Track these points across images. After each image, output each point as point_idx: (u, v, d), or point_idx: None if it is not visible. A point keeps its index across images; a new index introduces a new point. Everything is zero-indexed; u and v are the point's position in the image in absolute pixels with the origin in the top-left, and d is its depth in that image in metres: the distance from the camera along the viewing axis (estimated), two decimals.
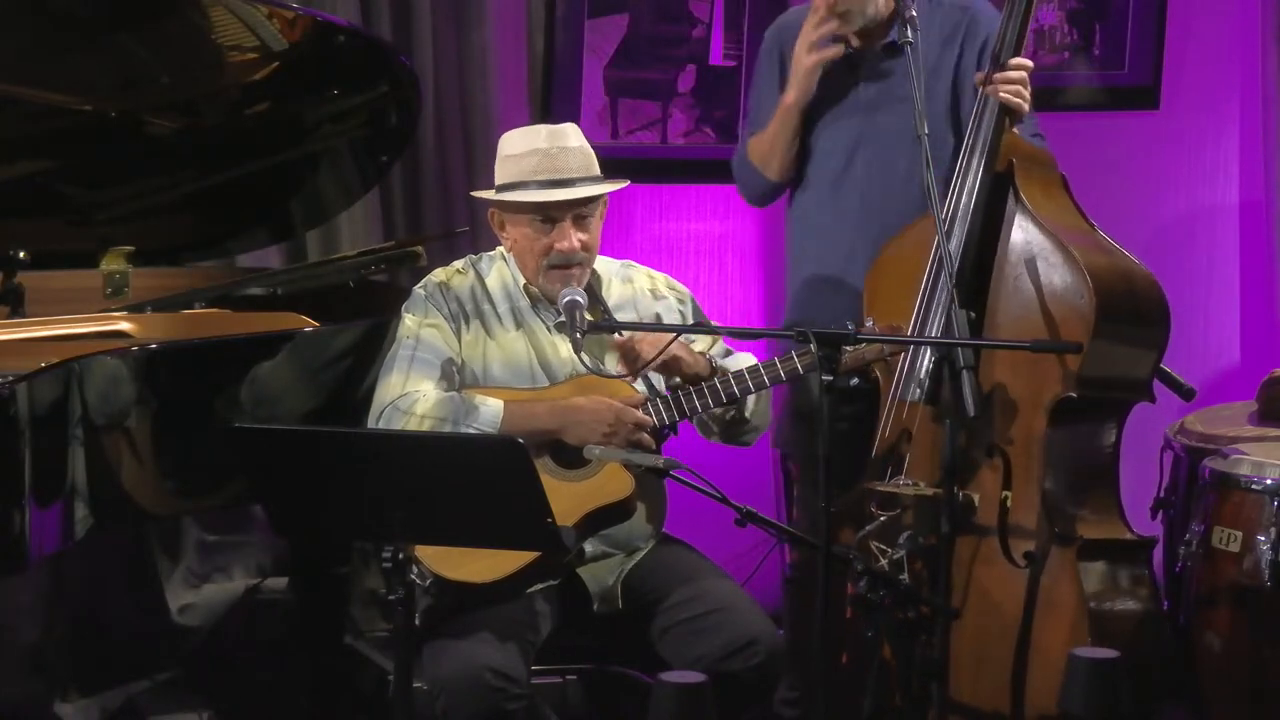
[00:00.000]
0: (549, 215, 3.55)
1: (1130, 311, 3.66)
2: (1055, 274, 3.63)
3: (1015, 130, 3.77)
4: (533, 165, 3.54)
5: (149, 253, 4.24)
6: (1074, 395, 3.54)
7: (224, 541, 4.67)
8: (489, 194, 3.63)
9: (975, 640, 3.55)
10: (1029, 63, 3.70)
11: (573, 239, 3.55)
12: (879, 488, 3.63)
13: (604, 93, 4.91)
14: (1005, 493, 3.57)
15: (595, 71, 4.89)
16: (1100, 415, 3.69)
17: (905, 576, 3.47)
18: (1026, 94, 3.69)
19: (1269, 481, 3.68)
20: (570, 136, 3.60)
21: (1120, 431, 3.74)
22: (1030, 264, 3.66)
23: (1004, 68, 3.68)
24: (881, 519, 3.58)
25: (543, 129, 3.62)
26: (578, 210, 3.56)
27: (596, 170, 3.62)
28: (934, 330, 3.62)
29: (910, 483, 3.62)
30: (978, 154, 3.69)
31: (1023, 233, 3.67)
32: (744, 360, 3.67)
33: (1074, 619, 3.52)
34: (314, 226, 4.55)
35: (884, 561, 3.47)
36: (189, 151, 4.12)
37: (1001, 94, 3.67)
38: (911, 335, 3.64)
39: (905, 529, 3.56)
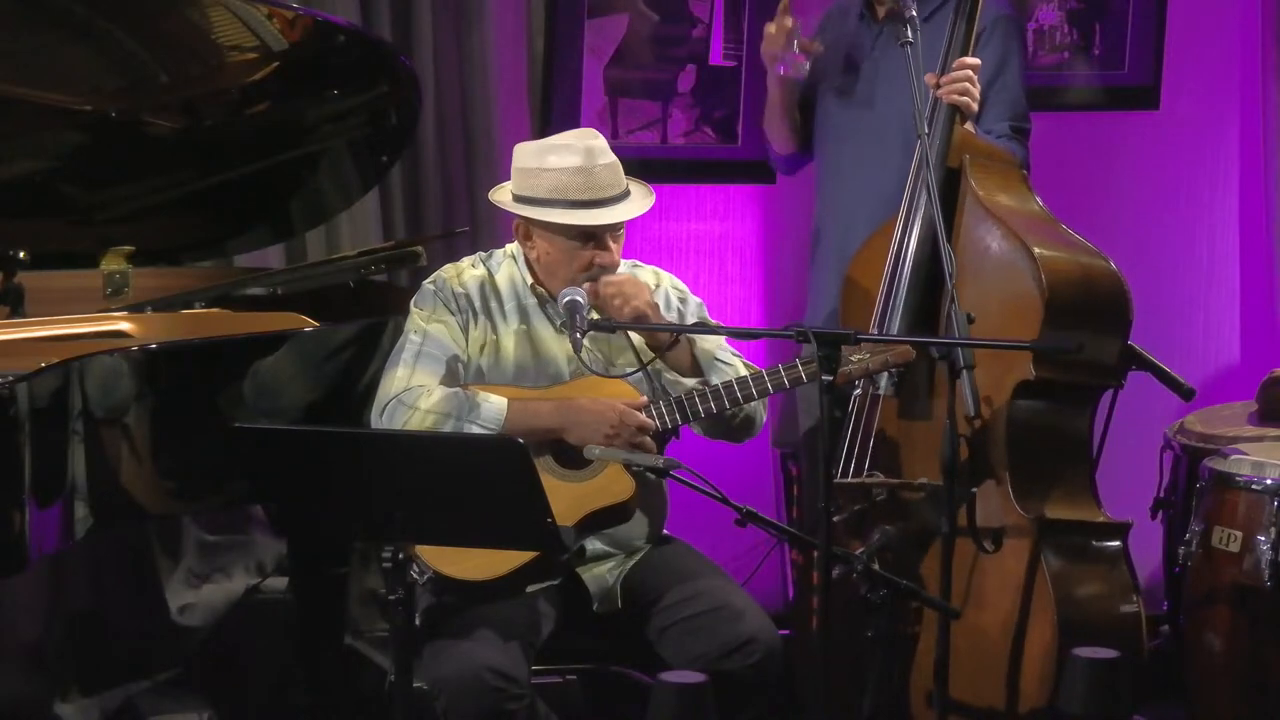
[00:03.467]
0: (590, 234, 3.56)
1: (1086, 299, 3.69)
2: (1007, 264, 3.68)
3: (970, 128, 3.84)
4: (577, 183, 3.53)
5: (149, 253, 4.24)
6: (1031, 378, 3.58)
7: (224, 541, 4.67)
8: (521, 208, 3.59)
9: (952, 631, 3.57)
10: (975, 60, 3.80)
11: (615, 255, 3.57)
12: (848, 481, 3.66)
13: (604, 93, 4.91)
14: (972, 490, 3.59)
15: (595, 71, 4.89)
16: (1066, 399, 3.72)
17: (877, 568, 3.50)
18: (975, 91, 3.79)
19: (1269, 481, 3.68)
20: (606, 151, 3.57)
21: (1092, 418, 3.77)
22: (984, 256, 3.72)
23: (950, 68, 3.78)
24: (855, 509, 3.61)
25: (573, 141, 3.57)
26: (617, 229, 3.58)
27: (625, 182, 3.60)
28: (894, 329, 3.68)
29: (879, 475, 3.65)
30: (930, 152, 3.74)
31: (976, 226, 3.74)
32: (719, 342, 3.66)
33: (1040, 600, 3.54)
34: (314, 226, 4.55)
35: (859, 555, 3.49)
36: (189, 151, 4.12)
37: (949, 95, 3.77)
38: (902, 336, 3.68)
39: (878, 522, 3.58)
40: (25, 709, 4.26)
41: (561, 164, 3.54)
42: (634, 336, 3.64)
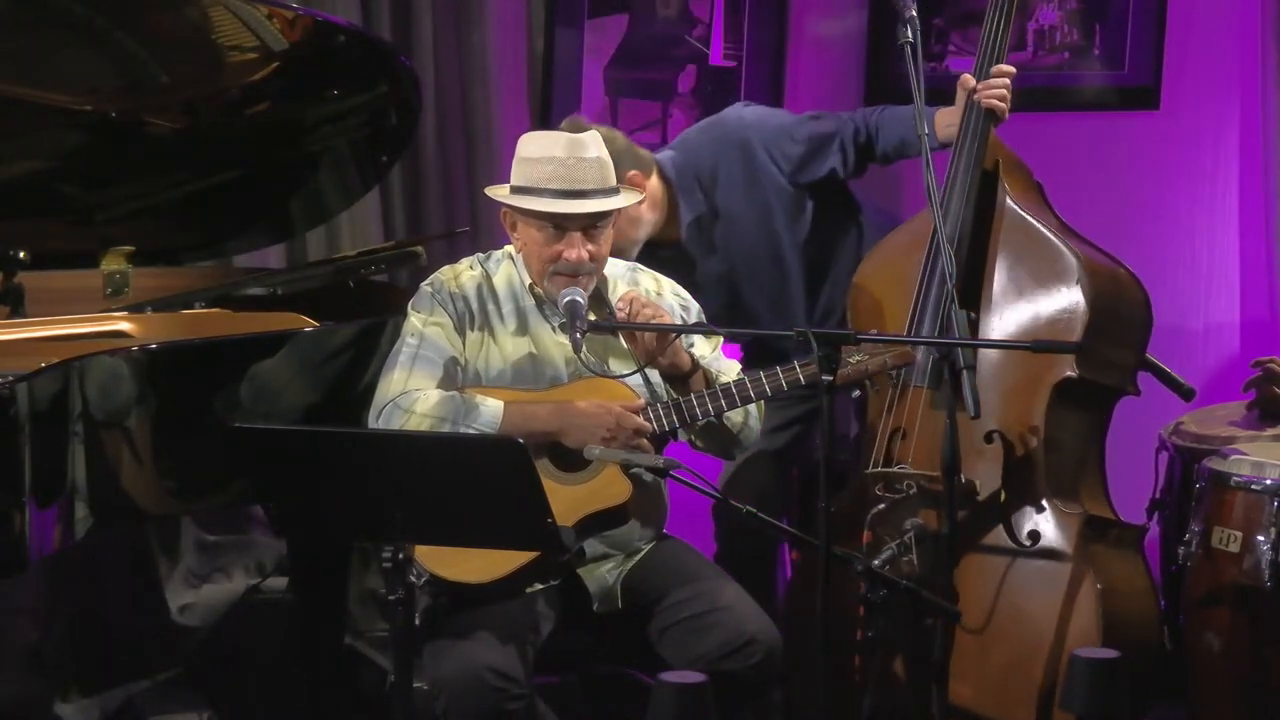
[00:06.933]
0: (560, 224, 3.55)
1: (1119, 304, 3.78)
2: (1050, 268, 3.73)
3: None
4: (548, 173, 3.53)
5: (149, 253, 4.24)
6: (1074, 375, 3.64)
7: (224, 541, 4.67)
8: (502, 193, 3.62)
9: (982, 628, 3.59)
10: (1011, 69, 3.87)
11: (581, 250, 3.54)
12: (881, 470, 3.67)
13: (604, 93, 4.91)
14: (1002, 491, 3.61)
15: (595, 72, 4.89)
16: (1091, 404, 3.78)
17: (913, 558, 3.50)
18: (1009, 97, 3.86)
19: (1269, 481, 3.68)
20: (589, 147, 3.55)
21: (1106, 426, 3.84)
22: (1024, 259, 3.77)
23: (989, 74, 3.85)
24: (893, 498, 3.62)
25: (563, 136, 3.57)
26: (588, 223, 3.56)
27: (613, 181, 3.59)
28: (930, 328, 3.68)
29: (909, 468, 3.67)
30: (966, 154, 3.82)
31: (1016, 229, 3.80)
32: (731, 367, 3.68)
33: (1085, 599, 3.59)
34: (314, 226, 4.55)
35: (892, 545, 3.49)
36: (189, 151, 4.12)
37: (988, 100, 3.83)
38: (909, 336, 3.70)
39: (909, 513, 3.58)
40: (25, 709, 4.25)
41: (542, 153, 3.55)
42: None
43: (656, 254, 3.99)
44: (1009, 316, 3.76)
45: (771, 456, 4.20)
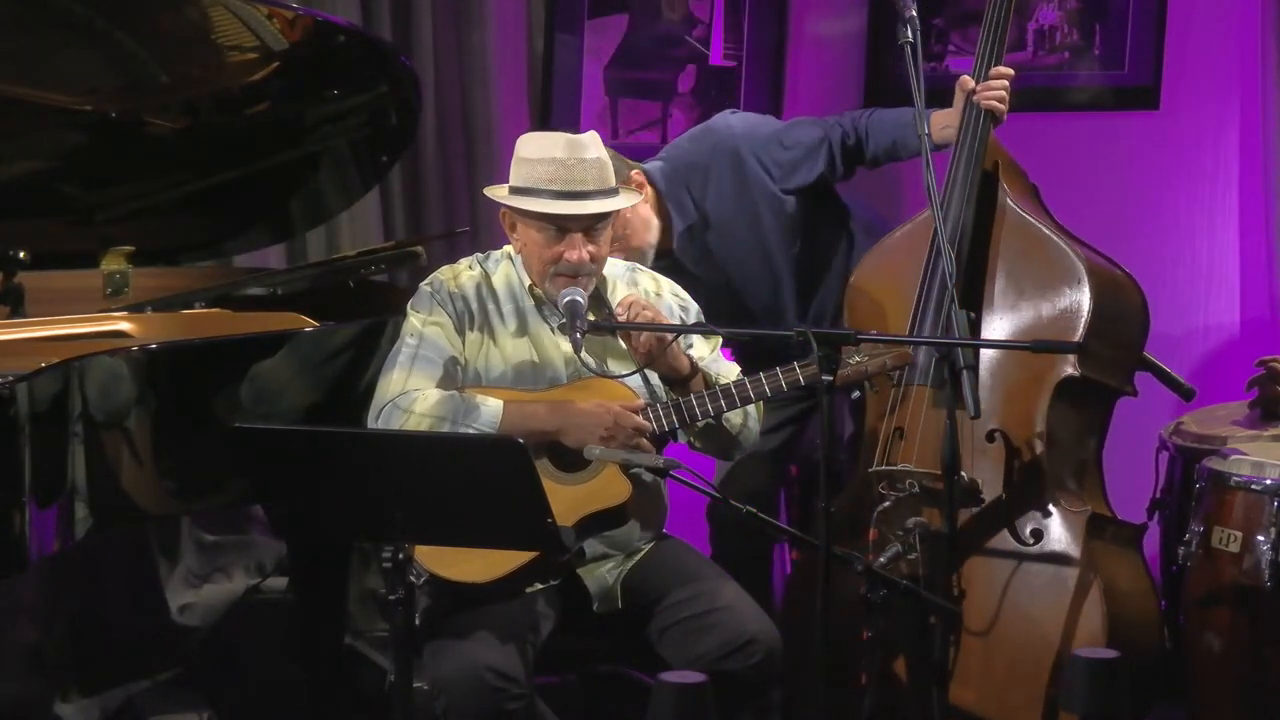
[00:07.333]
0: (561, 225, 3.55)
1: (1118, 305, 3.80)
2: (1052, 268, 3.75)
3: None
4: (548, 174, 3.52)
5: (149, 253, 4.24)
6: (1075, 374, 3.66)
7: (224, 541, 4.67)
8: (502, 194, 3.62)
9: (986, 631, 3.59)
10: (1009, 71, 3.90)
11: (582, 251, 3.54)
12: (884, 469, 3.67)
13: (604, 93, 4.91)
14: (1004, 490, 3.61)
15: (595, 72, 4.89)
16: (1091, 403, 3.80)
17: (918, 557, 3.51)
18: (1007, 99, 3.89)
19: (1269, 481, 3.68)
20: (589, 147, 3.55)
21: (1105, 427, 3.85)
22: (1026, 259, 3.79)
23: (987, 76, 3.88)
24: (897, 495, 3.62)
25: (562, 137, 3.56)
26: (589, 223, 3.55)
27: (612, 181, 3.59)
28: (932, 328, 3.69)
29: (912, 467, 3.67)
30: (966, 155, 3.84)
31: (1017, 230, 3.82)
32: (731, 369, 3.68)
33: (1091, 598, 3.60)
34: (314, 226, 4.55)
35: (897, 544, 3.50)
36: (189, 151, 4.12)
37: (987, 101, 3.86)
38: (910, 335, 3.71)
39: (912, 512, 3.59)
40: (25, 709, 4.25)
41: (542, 154, 3.54)
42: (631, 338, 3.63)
43: (650, 265, 4.00)
44: (1010, 316, 3.77)
45: (766, 457, 4.20)
